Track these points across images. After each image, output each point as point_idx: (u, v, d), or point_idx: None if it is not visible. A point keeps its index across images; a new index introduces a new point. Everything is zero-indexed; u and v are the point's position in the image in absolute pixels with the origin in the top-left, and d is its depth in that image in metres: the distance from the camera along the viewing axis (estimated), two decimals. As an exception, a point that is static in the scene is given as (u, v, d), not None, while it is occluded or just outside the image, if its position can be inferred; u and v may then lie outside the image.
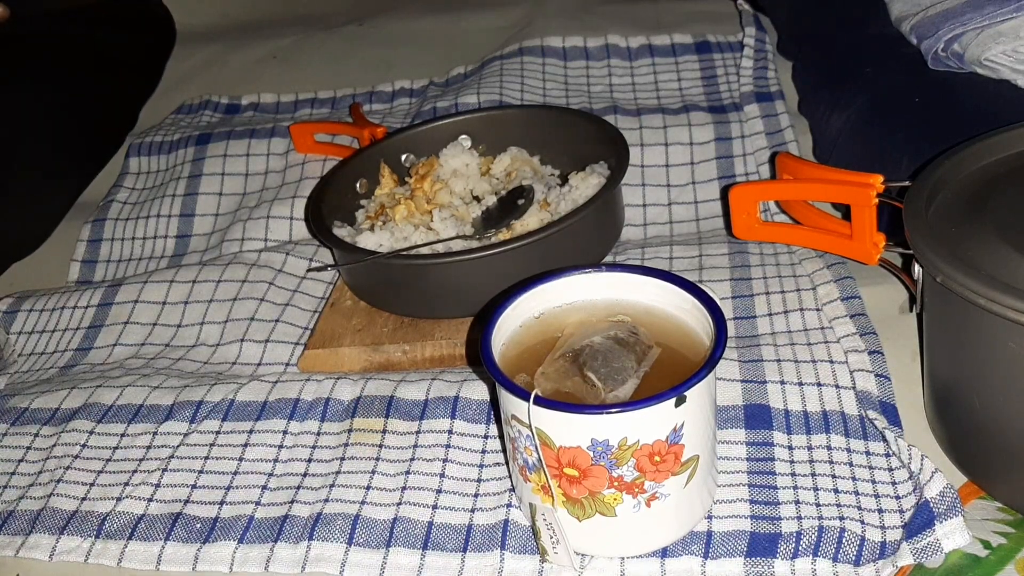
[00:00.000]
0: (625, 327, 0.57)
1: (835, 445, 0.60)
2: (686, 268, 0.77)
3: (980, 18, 0.76)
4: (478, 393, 0.66)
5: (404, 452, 0.63)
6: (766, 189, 0.78)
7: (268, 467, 0.64)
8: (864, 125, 0.81)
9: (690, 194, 0.88)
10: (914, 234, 0.57)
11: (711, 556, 0.55)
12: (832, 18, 0.96)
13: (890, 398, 0.63)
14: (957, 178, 0.61)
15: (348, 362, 0.73)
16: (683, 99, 0.98)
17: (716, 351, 0.52)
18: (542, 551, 0.55)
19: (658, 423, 0.50)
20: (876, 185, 0.65)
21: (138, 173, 1.02)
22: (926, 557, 0.53)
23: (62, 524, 0.61)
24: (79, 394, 0.71)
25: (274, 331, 0.77)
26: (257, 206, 0.92)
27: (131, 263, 0.92)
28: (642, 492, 0.52)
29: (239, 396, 0.68)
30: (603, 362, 0.54)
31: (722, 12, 1.12)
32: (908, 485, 0.58)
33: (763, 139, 0.90)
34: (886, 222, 0.66)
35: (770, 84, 0.96)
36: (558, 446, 0.51)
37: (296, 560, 0.58)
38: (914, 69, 0.81)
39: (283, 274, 0.83)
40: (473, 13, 1.22)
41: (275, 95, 1.12)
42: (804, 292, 0.72)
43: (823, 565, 0.54)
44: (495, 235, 0.75)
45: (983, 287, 0.51)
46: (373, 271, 0.73)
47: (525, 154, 0.85)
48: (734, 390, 0.64)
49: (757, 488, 0.58)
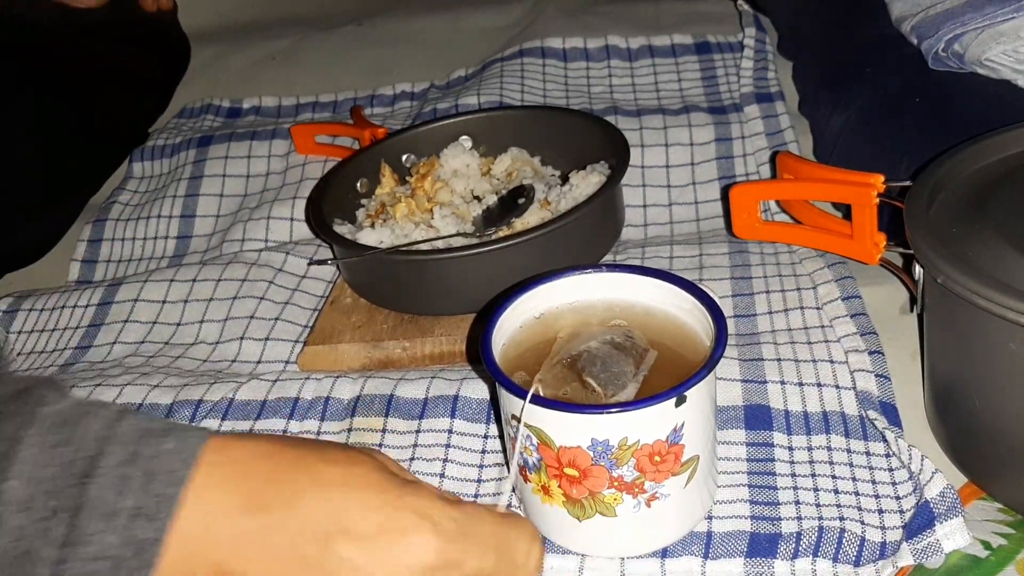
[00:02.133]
0: (620, 331, 0.56)
1: (835, 445, 0.60)
2: (686, 267, 0.77)
3: (980, 18, 0.76)
4: (478, 392, 0.66)
5: (404, 451, 0.63)
6: (767, 188, 0.78)
7: (268, 467, 0.64)
8: (864, 125, 0.81)
9: (690, 195, 0.88)
10: (915, 234, 0.57)
11: (711, 556, 0.55)
12: (832, 18, 0.96)
13: (890, 398, 0.63)
14: (958, 178, 0.61)
15: (348, 359, 0.73)
16: (683, 100, 0.98)
17: (716, 351, 0.52)
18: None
19: (658, 423, 0.50)
20: (877, 185, 0.65)
21: (141, 177, 1.03)
22: (926, 558, 0.53)
23: (61, 523, 0.61)
24: (78, 393, 0.71)
25: (274, 329, 0.77)
26: (258, 207, 0.92)
27: (131, 263, 0.92)
28: (642, 492, 0.52)
29: (239, 395, 0.68)
30: (602, 367, 0.54)
31: (722, 12, 1.12)
32: (908, 485, 0.58)
33: (763, 140, 0.90)
34: (887, 222, 0.66)
35: (770, 84, 0.96)
36: (558, 446, 0.51)
37: (296, 560, 0.57)
38: (914, 69, 0.81)
39: (283, 273, 0.83)
40: (473, 13, 1.22)
41: (276, 98, 1.12)
42: (804, 291, 0.72)
43: (823, 565, 0.54)
44: (495, 233, 0.75)
45: (983, 287, 0.51)
46: (373, 267, 0.73)
47: (526, 154, 0.85)
48: (734, 390, 0.64)
49: (757, 488, 0.58)
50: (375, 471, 0.44)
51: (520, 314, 0.58)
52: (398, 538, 0.42)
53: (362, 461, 0.45)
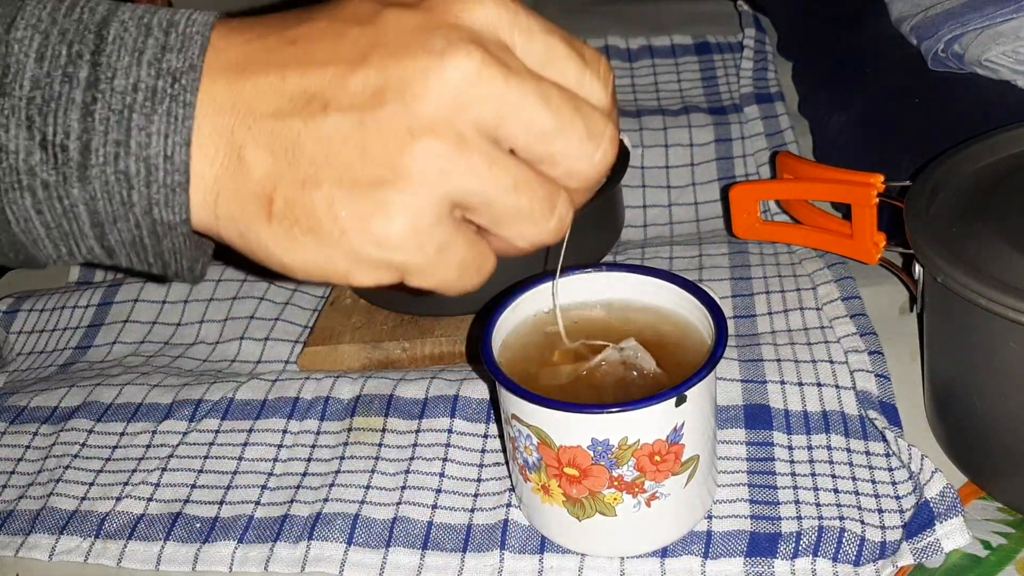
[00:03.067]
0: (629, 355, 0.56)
1: (835, 445, 0.60)
2: (686, 268, 0.77)
3: (980, 19, 0.76)
4: (478, 392, 0.66)
5: (404, 451, 0.63)
6: (767, 188, 0.78)
7: (268, 466, 0.64)
8: (864, 125, 0.81)
9: (690, 195, 0.87)
10: (915, 234, 0.57)
11: (711, 556, 0.55)
12: (832, 18, 0.96)
13: (890, 398, 0.63)
14: (957, 178, 0.61)
15: (347, 359, 0.73)
16: (683, 100, 0.98)
17: (717, 350, 0.52)
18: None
19: (658, 423, 0.50)
20: (877, 185, 0.65)
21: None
22: (926, 557, 0.53)
23: (62, 524, 0.61)
24: (78, 392, 0.71)
25: (274, 329, 0.77)
26: (257, 206, 0.92)
27: (131, 263, 0.92)
28: (642, 492, 0.52)
29: (238, 394, 0.68)
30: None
31: (722, 12, 1.12)
32: (908, 485, 0.58)
33: (763, 140, 0.90)
34: (887, 222, 0.66)
35: (770, 85, 0.96)
36: (558, 446, 0.51)
37: (296, 560, 0.57)
38: (914, 69, 0.81)
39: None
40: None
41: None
42: (804, 291, 0.72)
43: (823, 565, 0.54)
44: (495, 235, 0.75)
45: (984, 287, 0.51)
46: (373, 270, 0.73)
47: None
48: (734, 390, 0.64)
49: (757, 488, 0.58)
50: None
51: (520, 314, 0.58)
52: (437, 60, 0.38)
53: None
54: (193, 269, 0.42)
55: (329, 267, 0.40)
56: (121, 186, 0.38)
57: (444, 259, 0.40)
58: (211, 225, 0.40)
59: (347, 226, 0.38)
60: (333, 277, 0.40)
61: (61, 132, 0.38)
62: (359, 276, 0.40)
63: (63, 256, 0.41)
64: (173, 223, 0.39)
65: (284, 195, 0.38)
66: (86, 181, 0.38)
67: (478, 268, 0.42)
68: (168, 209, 0.39)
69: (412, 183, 0.38)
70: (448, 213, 0.39)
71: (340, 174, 0.38)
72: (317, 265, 0.40)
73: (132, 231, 0.40)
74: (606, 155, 0.41)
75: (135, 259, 0.41)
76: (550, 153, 0.40)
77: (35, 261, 0.41)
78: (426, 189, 0.38)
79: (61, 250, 0.41)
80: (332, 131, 0.38)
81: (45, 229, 0.40)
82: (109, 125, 0.38)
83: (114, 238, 0.40)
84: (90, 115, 0.38)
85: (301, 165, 0.38)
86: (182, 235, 0.40)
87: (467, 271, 0.41)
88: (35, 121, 0.38)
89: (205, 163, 0.38)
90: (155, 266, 0.42)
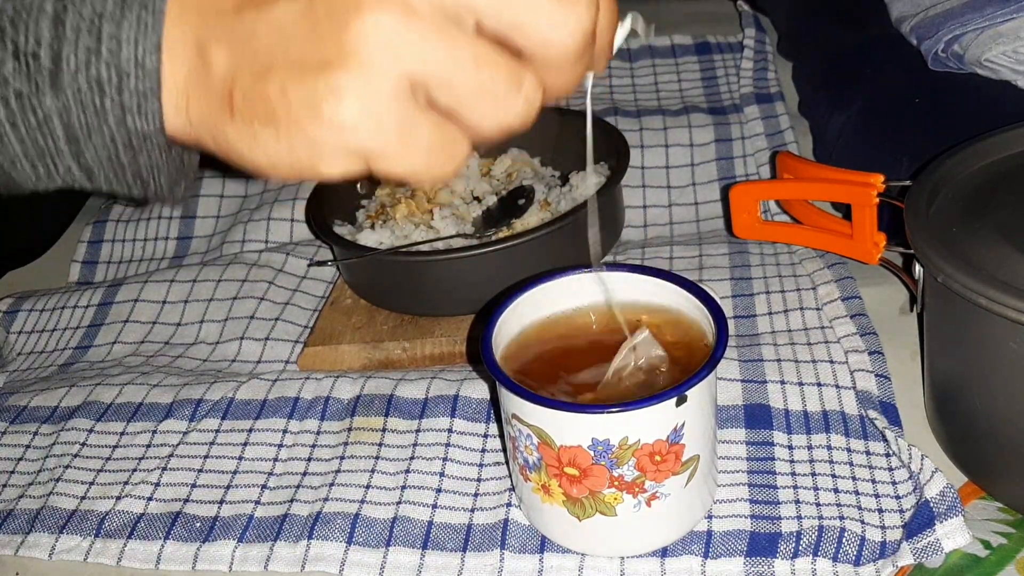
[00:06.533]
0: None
1: (835, 445, 0.60)
2: (686, 268, 0.77)
3: (980, 19, 0.76)
4: (478, 392, 0.66)
5: (404, 451, 0.63)
6: (767, 188, 0.78)
7: (268, 466, 0.64)
8: (864, 125, 0.81)
9: (690, 195, 0.88)
10: (915, 234, 0.57)
11: (711, 556, 0.55)
12: (832, 18, 0.96)
13: (890, 398, 0.63)
14: (957, 178, 0.61)
15: (348, 360, 0.73)
16: (683, 100, 0.98)
17: (717, 350, 0.52)
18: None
19: (659, 423, 0.50)
20: (877, 185, 0.65)
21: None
22: (926, 557, 0.53)
23: (61, 523, 0.61)
24: (78, 392, 0.71)
25: (274, 329, 0.78)
26: (258, 208, 0.92)
27: (132, 264, 0.92)
28: (642, 492, 0.52)
29: (239, 394, 0.68)
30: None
31: (722, 12, 1.12)
32: (908, 485, 0.58)
33: (763, 140, 0.90)
34: (887, 222, 0.66)
35: (770, 85, 0.96)
36: (558, 445, 0.51)
37: (296, 559, 0.58)
38: (914, 69, 0.81)
39: (283, 273, 0.83)
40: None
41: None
42: (804, 292, 0.72)
43: (823, 565, 0.54)
44: (495, 234, 0.75)
45: (984, 287, 0.51)
46: (373, 268, 0.73)
47: (526, 155, 0.85)
48: (734, 390, 0.64)
49: (757, 488, 0.58)
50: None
51: (520, 314, 0.58)
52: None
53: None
54: (173, 190, 0.42)
55: (293, 159, 0.38)
56: (93, 94, 0.38)
57: (409, 142, 0.38)
58: (187, 131, 0.39)
59: (300, 113, 0.37)
60: (301, 170, 0.39)
61: (32, 40, 0.38)
62: (325, 166, 0.38)
63: (42, 179, 0.41)
64: (147, 132, 0.39)
65: (242, 89, 0.37)
66: (58, 89, 0.38)
67: (449, 153, 0.39)
68: (141, 117, 0.39)
69: (360, 61, 0.36)
70: (407, 92, 0.37)
71: (291, 60, 0.37)
72: (281, 158, 0.38)
73: (108, 145, 0.39)
74: (581, 20, 0.38)
75: (114, 180, 0.41)
76: (519, 22, 0.37)
77: (15, 184, 0.41)
78: (376, 67, 0.36)
79: (39, 170, 0.40)
80: (283, 16, 0.37)
81: (21, 145, 0.39)
82: (80, 33, 0.38)
83: (90, 155, 0.40)
84: (61, 23, 0.38)
85: (257, 56, 0.37)
86: (158, 147, 0.40)
87: (435, 155, 0.39)
88: (7, 31, 0.38)
89: (175, 67, 0.38)
90: (135, 187, 0.41)
